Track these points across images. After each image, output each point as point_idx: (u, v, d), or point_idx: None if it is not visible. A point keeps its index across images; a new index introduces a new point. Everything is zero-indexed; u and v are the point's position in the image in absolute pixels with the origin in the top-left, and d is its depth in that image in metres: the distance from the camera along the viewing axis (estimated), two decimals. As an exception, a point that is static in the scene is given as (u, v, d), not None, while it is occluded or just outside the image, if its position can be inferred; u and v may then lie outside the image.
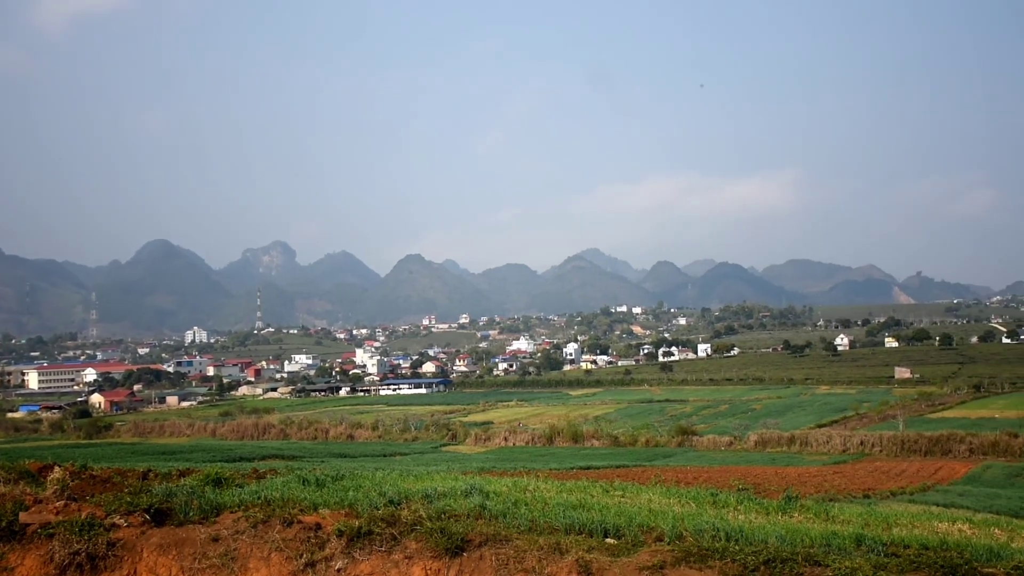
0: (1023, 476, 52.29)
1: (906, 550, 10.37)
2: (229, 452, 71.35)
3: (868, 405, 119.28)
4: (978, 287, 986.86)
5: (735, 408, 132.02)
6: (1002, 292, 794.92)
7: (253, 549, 11.76)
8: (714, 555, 10.17)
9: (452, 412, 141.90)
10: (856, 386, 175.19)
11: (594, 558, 10.48)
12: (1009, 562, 9.52)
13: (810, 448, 76.75)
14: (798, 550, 10.24)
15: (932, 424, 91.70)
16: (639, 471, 49.96)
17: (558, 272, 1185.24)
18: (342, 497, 13.38)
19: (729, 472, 48.19)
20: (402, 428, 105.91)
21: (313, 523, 12.09)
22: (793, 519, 14.84)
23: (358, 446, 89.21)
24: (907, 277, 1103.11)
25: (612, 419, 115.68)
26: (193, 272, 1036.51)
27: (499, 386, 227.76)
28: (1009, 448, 69.65)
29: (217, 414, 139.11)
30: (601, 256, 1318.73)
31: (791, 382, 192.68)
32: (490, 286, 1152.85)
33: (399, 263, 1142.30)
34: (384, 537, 11.60)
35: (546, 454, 76.12)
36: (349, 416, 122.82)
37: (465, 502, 12.88)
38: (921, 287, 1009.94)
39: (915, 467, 58.16)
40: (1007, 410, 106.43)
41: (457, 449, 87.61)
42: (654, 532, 11.44)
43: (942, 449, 71.41)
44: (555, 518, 12.08)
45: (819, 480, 46.68)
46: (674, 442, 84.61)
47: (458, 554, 11.08)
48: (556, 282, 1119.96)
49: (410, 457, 71.20)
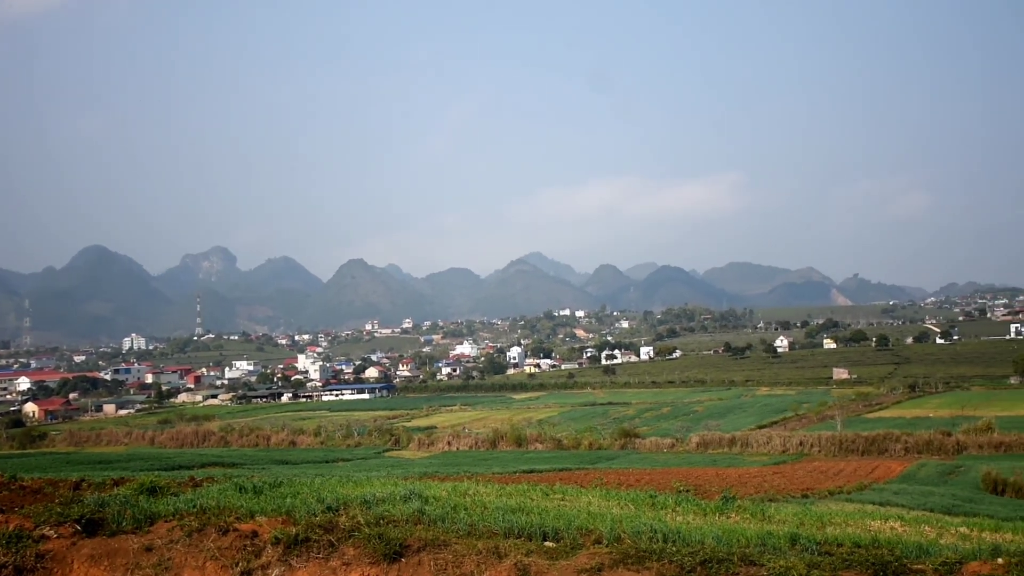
0: (956, 474, 53.18)
1: (839, 548, 10.47)
2: (167, 460, 70.37)
3: (807, 406, 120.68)
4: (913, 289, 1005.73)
5: (677, 410, 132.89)
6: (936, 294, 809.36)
7: (187, 558, 11.58)
8: (651, 556, 10.19)
9: (395, 417, 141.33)
10: (796, 387, 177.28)
11: (532, 561, 10.46)
12: (937, 558, 9.65)
13: (751, 449, 77.49)
14: (734, 550, 10.29)
15: (869, 424, 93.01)
16: (582, 474, 50.11)
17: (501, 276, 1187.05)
18: (280, 504, 13.23)
19: (671, 474, 48.47)
20: (345, 434, 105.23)
21: (249, 531, 11.93)
22: (730, 519, 14.95)
23: (300, 452, 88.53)
24: (845, 279, 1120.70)
25: (555, 422, 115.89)
26: (131, 278, 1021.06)
27: (443, 391, 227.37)
28: (943, 447, 70.94)
29: (156, 422, 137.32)
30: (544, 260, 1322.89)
31: (732, 384, 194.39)
32: (433, 290, 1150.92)
33: (341, 268, 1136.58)
34: (322, 544, 11.49)
35: (489, 458, 76.05)
36: (291, 422, 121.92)
37: (404, 507, 12.79)
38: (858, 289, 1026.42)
39: (853, 466, 58.93)
40: (941, 409, 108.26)
41: (400, 454, 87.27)
42: (593, 535, 11.44)
43: (879, 448, 72.51)
44: (494, 522, 12.04)
45: (759, 480, 47.13)
46: (617, 445, 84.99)
47: (396, 560, 10.99)
48: (499, 286, 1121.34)
49: (353, 463, 70.75)
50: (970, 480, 48.52)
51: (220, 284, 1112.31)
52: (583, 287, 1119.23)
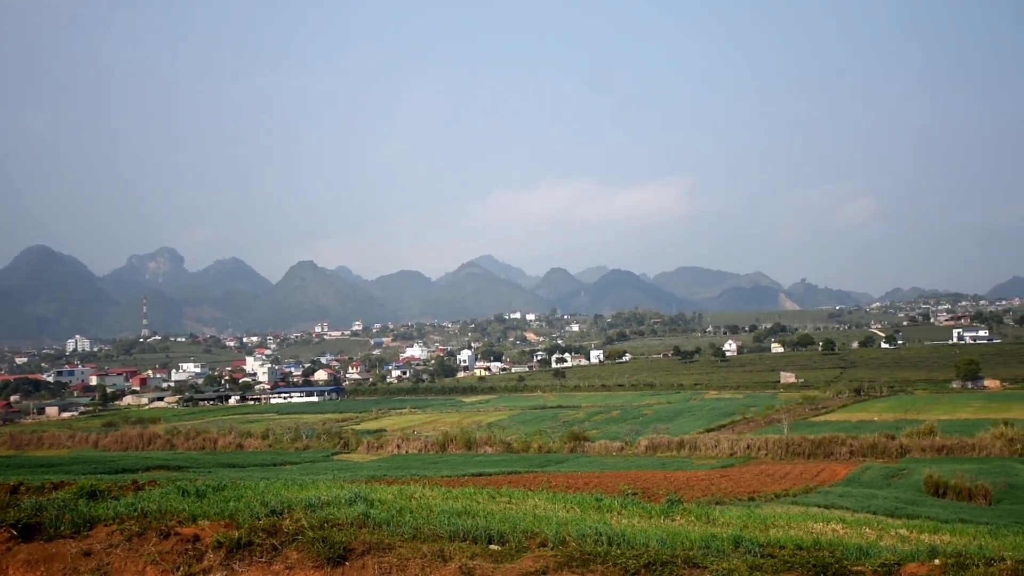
0: (899, 476, 53.90)
1: (781, 550, 10.56)
2: (111, 464, 69.45)
3: (755, 409, 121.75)
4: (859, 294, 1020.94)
5: (627, 414, 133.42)
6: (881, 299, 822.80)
7: (127, 563, 11.42)
8: (596, 559, 10.21)
9: (344, 420, 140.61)
10: (744, 391, 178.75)
11: (477, 564, 10.44)
12: (877, 559, 9.77)
13: (699, 452, 78.00)
14: (678, 553, 10.34)
15: (815, 427, 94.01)
16: (531, 477, 50.15)
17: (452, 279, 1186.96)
18: (223, 508, 13.08)
19: (619, 477, 48.67)
20: (293, 437, 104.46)
21: (191, 535, 11.79)
22: (675, 522, 15.03)
23: (247, 455, 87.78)
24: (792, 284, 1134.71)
25: (505, 425, 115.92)
26: (75, 279, 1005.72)
27: (392, 393, 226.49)
28: (886, 450, 71.88)
29: (100, 425, 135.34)
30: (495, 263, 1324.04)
31: (681, 387, 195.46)
32: (384, 293, 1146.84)
33: (291, 270, 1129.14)
34: (265, 547, 11.38)
35: (439, 461, 75.93)
36: (239, 425, 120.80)
37: (349, 511, 12.71)
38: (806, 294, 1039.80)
39: (799, 469, 59.51)
40: (885, 413, 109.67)
41: (349, 457, 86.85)
42: (538, 537, 11.44)
43: (824, 452, 73.32)
44: (440, 525, 12.01)
45: (706, 483, 47.44)
46: (566, 448, 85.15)
47: (340, 563, 10.92)
48: (450, 289, 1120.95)
49: (301, 466, 70.33)
50: (913, 483, 49.19)
51: (167, 285, 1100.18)
52: (534, 290, 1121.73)
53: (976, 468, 54.00)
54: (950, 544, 13.37)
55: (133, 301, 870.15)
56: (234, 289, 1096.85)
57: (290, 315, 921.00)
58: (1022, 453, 68.45)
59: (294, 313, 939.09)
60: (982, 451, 70.01)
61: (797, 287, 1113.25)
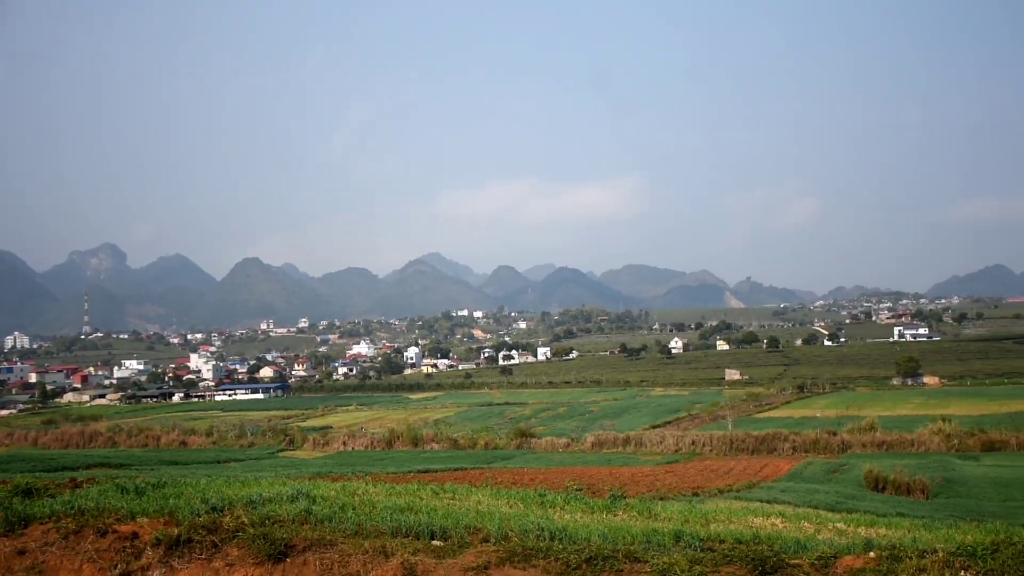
0: (840, 472, 54.58)
1: (721, 544, 10.68)
2: (50, 462, 68.17)
3: (700, 406, 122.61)
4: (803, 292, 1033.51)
5: (573, 410, 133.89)
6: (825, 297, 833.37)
7: (63, 561, 11.29)
8: (538, 554, 10.26)
9: (290, 417, 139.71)
10: (689, 388, 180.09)
11: (419, 560, 10.45)
12: (814, 553, 9.92)
13: (645, 448, 78.44)
14: (619, 547, 10.42)
15: (759, 424, 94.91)
16: (477, 473, 50.17)
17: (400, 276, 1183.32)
18: (162, 505, 12.96)
19: (565, 473, 48.81)
20: (238, 434, 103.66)
21: (129, 532, 11.68)
22: (617, 517, 15.11)
23: (191, 453, 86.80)
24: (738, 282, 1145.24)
25: (452, 422, 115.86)
26: (13, 275, 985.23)
27: (339, 390, 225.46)
28: (828, 446, 72.77)
29: (39, 422, 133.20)
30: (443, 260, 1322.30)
31: (627, 384, 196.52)
32: (330, 290, 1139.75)
33: (236, 266, 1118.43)
34: (205, 545, 11.31)
35: (385, 458, 75.64)
36: (182, 423, 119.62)
37: (291, 507, 12.65)
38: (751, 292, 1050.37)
39: (742, 465, 60.08)
40: (827, 409, 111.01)
41: (295, 454, 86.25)
42: (480, 533, 11.48)
43: (768, 447, 74.04)
44: (382, 521, 11.99)
45: (651, 479, 47.74)
46: (513, 444, 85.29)
47: (281, 560, 10.88)
48: (398, 286, 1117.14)
49: (245, 464, 69.65)
50: (853, 478, 49.83)
51: (109, 282, 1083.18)
52: (481, 288, 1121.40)
53: (915, 463, 54.83)
54: (885, 537, 13.58)
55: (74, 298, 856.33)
56: (178, 286, 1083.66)
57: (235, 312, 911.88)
58: (959, 448, 69.64)
59: (239, 310, 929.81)
60: (921, 446, 71.13)
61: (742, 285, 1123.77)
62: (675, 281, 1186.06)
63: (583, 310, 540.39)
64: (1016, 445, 69.24)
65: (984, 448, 69.46)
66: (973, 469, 54.08)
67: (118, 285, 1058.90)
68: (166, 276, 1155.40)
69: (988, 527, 17.00)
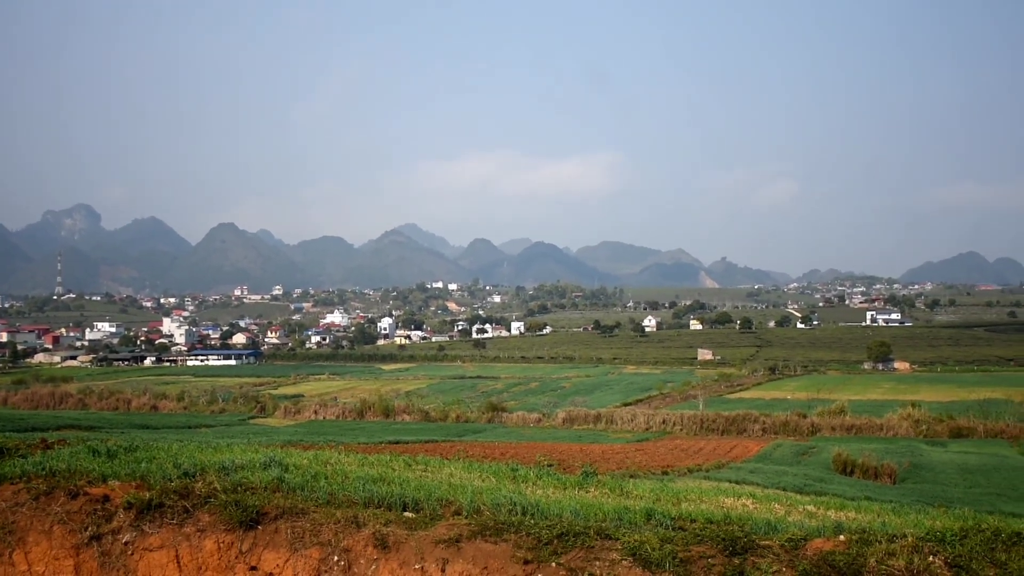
0: (809, 454, 55.02)
1: (692, 524, 10.72)
2: (20, 422, 67.74)
3: (672, 385, 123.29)
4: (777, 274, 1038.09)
5: (545, 386, 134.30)
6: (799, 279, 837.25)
7: (33, 522, 11.23)
8: (509, 528, 10.28)
9: (262, 384, 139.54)
10: (661, 366, 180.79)
11: (391, 531, 10.46)
12: (784, 534, 9.98)
13: (615, 426, 78.79)
14: (591, 524, 10.45)
15: (730, 404, 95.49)
16: (448, 446, 50.27)
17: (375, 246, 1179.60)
18: (134, 469, 12.89)
19: (536, 448, 48.99)
20: (209, 400, 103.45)
21: (101, 495, 11.63)
22: (589, 494, 15.17)
23: (162, 417, 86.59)
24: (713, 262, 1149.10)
25: (424, 394, 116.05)
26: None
27: (311, 359, 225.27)
28: (798, 428, 73.40)
29: (10, 382, 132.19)
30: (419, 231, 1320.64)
31: (600, 361, 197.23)
32: (305, 258, 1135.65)
33: (211, 231, 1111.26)
34: (176, 510, 11.27)
35: (356, 428, 75.74)
36: (154, 387, 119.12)
37: (263, 475, 12.62)
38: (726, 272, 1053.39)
39: (712, 445, 60.43)
40: (798, 392, 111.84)
41: (266, 422, 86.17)
42: (453, 506, 11.49)
43: (738, 428, 74.56)
44: (354, 491, 11.98)
45: (621, 457, 47.95)
46: (484, 418, 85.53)
47: (253, 527, 10.86)
48: (373, 256, 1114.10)
49: (216, 429, 69.50)
50: (822, 461, 50.24)
51: (83, 243, 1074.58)
52: (457, 260, 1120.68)
53: (883, 448, 55.36)
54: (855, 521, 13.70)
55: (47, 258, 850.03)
56: (152, 249, 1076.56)
57: (209, 277, 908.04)
58: (927, 434, 70.38)
59: (213, 275, 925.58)
60: (889, 431, 71.81)
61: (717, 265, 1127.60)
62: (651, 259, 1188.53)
63: (558, 286, 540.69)
64: (983, 432, 70.04)
65: (952, 434, 70.25)
66: (940, 455, 54.67)
67: (92, 246, 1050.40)
68: (140, 239, 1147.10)
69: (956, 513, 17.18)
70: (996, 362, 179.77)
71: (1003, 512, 27.26)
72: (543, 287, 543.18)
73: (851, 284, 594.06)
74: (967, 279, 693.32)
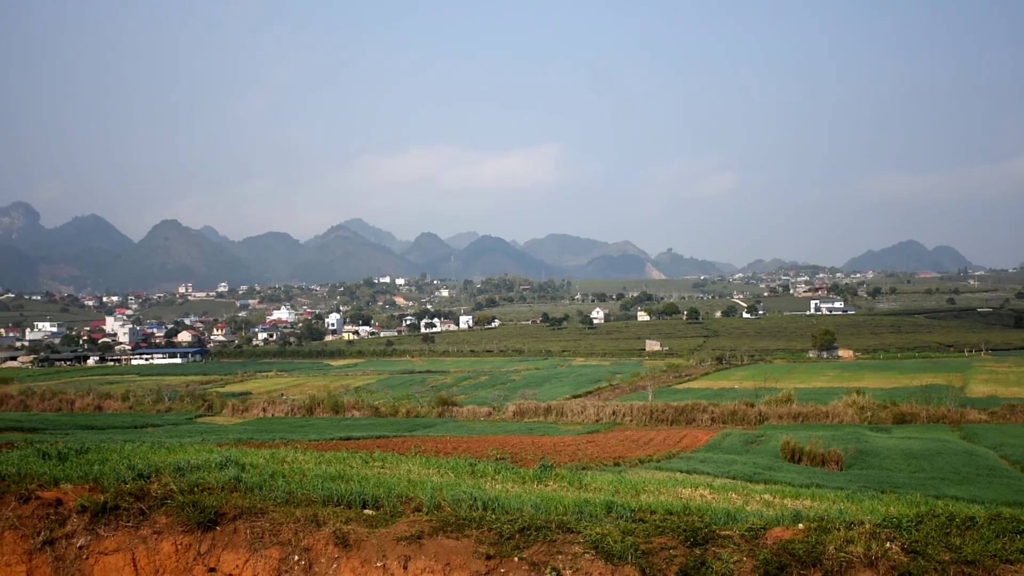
0: (757, 443, 55.57)
1: (652, 515, 10.80)
2: (-40, 425, 66.58)
3: (621, 376, 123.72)
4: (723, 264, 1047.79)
5: (495, 379, 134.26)
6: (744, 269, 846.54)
7: (-15, 528, 11.02)
8: (471, 524, 10.28)
9: (209, 382, 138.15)
10: (610, 358, 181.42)
11: (351, 529, 10.42)
12: (744, 524, 10.09)
13: (566, 418, 78.98)
14: (552, 518, 10.48)
15: (678, 395, 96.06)
16: (399, 441, 50.13)
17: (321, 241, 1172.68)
18: (87, 471, 12.71)
19: (488, 442, 49.02)
20: (155, 399, 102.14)
21: (53, 499, 11.45)
22: (548, 487, 15.22)
23: (107, 417, 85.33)
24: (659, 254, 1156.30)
25: (373, 390, 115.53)
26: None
27: (258, 356, 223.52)
28: (746, 417, 74.00)
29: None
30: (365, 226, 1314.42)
31: (549, 354, 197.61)
32: (251, 254, 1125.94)
33: (154, 228, 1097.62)
34: (132, 512, 11.14)
35: (305, 425, 75.27)
36: (97, 386, 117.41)
37: (220, 475, 12.50)
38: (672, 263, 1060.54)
39: (662, 436, 60.80)
40: (745, 381, 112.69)
41: (213, 420, 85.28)
42: (413, 502, 11.46)
43: (687, 418, 75.01)
44: (313, 490, 11.91)
45: (573, 449, 48.08)
46: (435, 412, 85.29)
47: (211, 528, 10.76)
48: (319, 251, 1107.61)
49: (163, 429, 68.68)
50: (770, 449, 50.75)
51: (21, 242, 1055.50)
52: (404, 255, 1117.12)
53: (829, 435, 56.00)
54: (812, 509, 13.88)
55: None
56: (94, 247, 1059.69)
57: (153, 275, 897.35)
58: (872, 420, 71.38)
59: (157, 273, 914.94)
60: (835, 418, 72.69)
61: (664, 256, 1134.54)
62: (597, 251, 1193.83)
63: (506, 279, 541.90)
64: (926, 417, 71.18)
65: (896, 420, 71.30)
66: (885, 441, 55.44)
67: (30, 245, 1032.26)
68: (81, 237, 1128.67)
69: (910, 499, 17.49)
70: (937, 348, 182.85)
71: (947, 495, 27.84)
72: (491, 281, 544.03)
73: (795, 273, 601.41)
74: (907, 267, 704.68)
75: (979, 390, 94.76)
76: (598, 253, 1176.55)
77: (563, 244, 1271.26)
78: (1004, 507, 13.05)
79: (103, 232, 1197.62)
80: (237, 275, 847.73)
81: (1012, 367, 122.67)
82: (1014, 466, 44.84)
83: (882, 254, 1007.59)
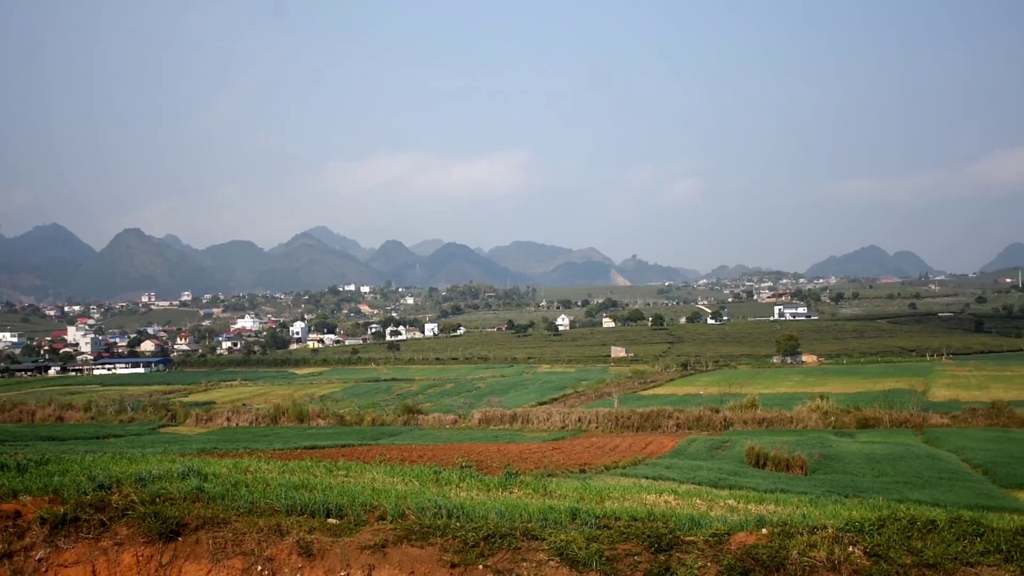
0: (723, 448, 55.76)
1: (617, 522, 10.82)
2: (-82, 437, 65.60)
3: (586, 383, 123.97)
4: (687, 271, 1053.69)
5: (460, 387, 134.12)
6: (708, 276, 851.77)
7: (-59, 541, 10.86)
8: (435, 532, 10.27)
9: (172, 392, 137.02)
10: (575, 365, 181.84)
11: (315, 538, 10.37)
12: (708, 529, 10.14)
13: (531, 425, 78.89)
14: (517, 525, 10.49)
15: (644, 401, 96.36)
16: (365, 450, 49.88)
17: (285, 250, 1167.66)
18: (47, 482, 12.57)
19: (453, 449, 48.89)
20: (117, 409, 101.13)
21: (12, 511, 11.31)
22: (513, 495, 15.21)
23: (68, 428, 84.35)
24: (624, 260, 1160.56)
25: (338, 398, 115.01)
26: None
27: (223, 365, 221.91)
28: (711, 423, 74.25)
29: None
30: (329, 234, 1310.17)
31: (515, 361, 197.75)
32: (214, 263, 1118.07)
33: (116, 237, 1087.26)
34: (92, 523, 11.02)
35: (270, 434, 74.73)
36: (59, 397, 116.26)
37: (182, 485, 12.40)
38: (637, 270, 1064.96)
39: (628, 442, 60.85)
40: (711, 387, 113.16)
41: (177, 430, 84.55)
42: (377, 511, 11.42)
43: (652, 424, 75.13)
44: (276, 499, 11.84)
45: (539, 456, 48.03)
46: (400, 420, 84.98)
47: (173, 538, 10.68)
48: (283, 260, 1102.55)
49: (126, 439, 67.99)
50: (735, 454, 50.94)
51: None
52: (368, 263, 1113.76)
53: (794, 440, 56.34)
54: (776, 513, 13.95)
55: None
56: (55, 256, 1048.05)
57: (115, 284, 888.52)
58: (835, 425, 71.87)
59: (120, 282, 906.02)
60: (799, 424, 73.14)
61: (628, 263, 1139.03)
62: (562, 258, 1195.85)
63: (471, 286, 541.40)
64: (889, 422, 71.82)
65: (859, 425, 71.87)
66: (848, 445, 55.83)
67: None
68: (42, 246, 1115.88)
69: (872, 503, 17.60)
70: (899, 353, 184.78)
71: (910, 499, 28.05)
72: (456, 288, 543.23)
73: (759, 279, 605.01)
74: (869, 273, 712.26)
75: (941, 394, 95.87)
76: (563, 260, 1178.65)
77: (528, 251, 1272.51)
78: (965, 510, 13.21)
79: (64, 241, 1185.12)
80: (201, 284, 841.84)
81: (973, 371, 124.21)
82: (975, 469, 45.29)
83: (844, 260, 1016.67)
